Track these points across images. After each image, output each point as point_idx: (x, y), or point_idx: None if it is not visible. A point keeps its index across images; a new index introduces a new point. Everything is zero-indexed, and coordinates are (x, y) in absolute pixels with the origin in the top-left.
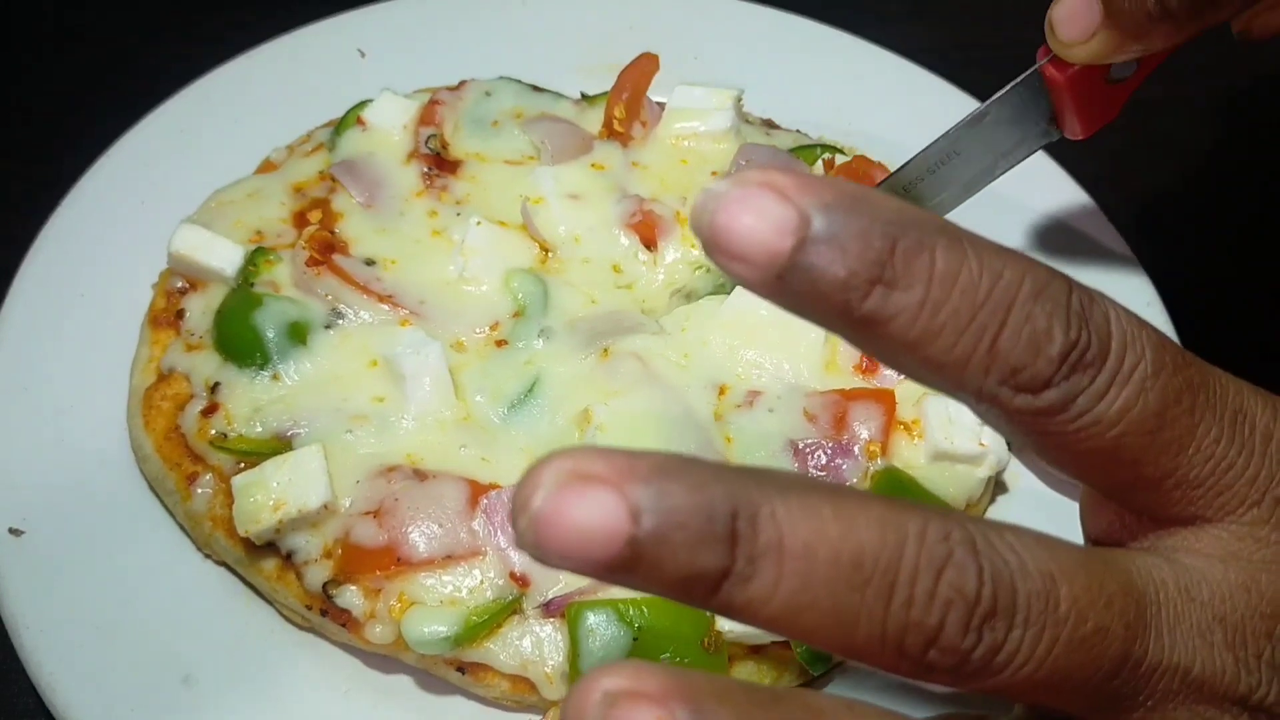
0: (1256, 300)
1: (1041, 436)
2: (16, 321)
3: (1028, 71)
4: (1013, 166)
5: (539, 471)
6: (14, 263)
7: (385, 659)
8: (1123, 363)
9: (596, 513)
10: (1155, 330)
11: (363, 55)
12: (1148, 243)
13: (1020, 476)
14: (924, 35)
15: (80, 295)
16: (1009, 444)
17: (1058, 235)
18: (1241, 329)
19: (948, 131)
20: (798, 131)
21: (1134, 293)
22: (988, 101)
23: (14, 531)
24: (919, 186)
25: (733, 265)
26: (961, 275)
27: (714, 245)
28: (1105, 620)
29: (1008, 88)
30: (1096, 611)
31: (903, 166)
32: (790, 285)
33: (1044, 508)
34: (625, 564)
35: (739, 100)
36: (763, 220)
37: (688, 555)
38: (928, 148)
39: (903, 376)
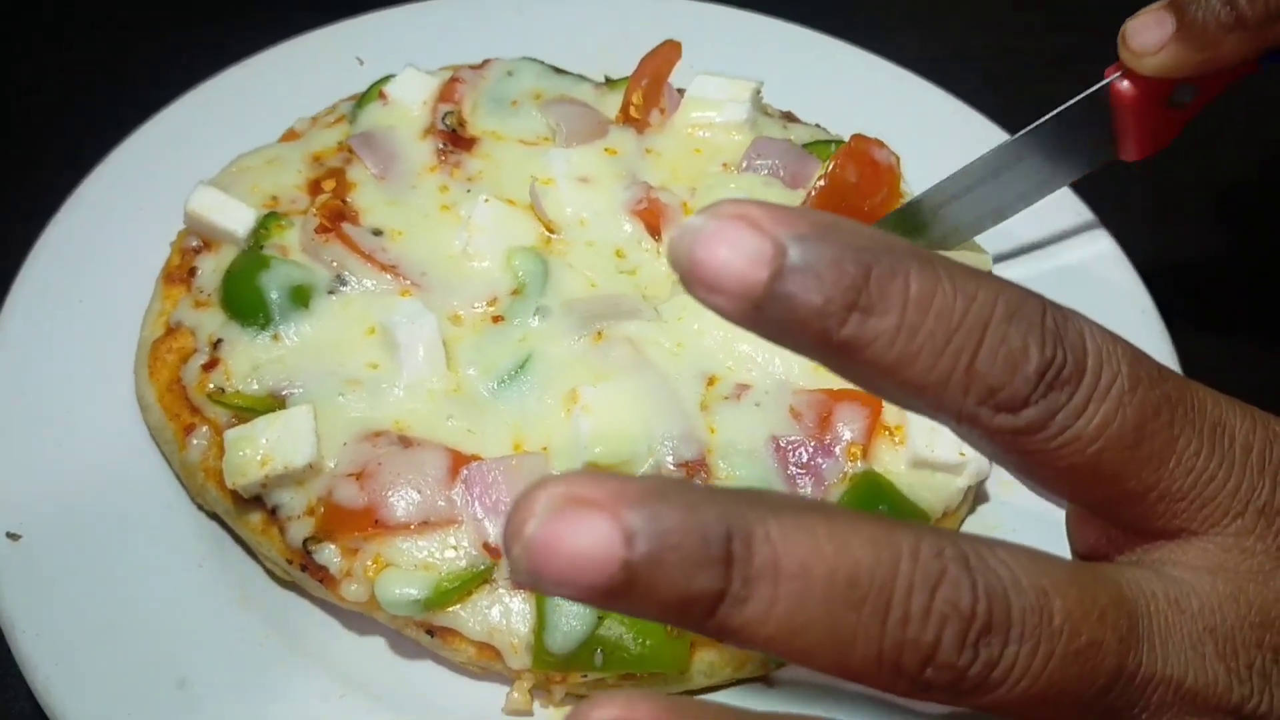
0: (1252, 308)
1: (1023, 455)
2: (15, 327)
3: (1097, 85)
4: (1061, 186)
5: (531, 498)
6: (13, 268)
7: (379, 661)
8: (1099, 379)
9: (590, 538)
10: (1131, 346)
11: (361, 63)
12: (1143, 251)
13: (1000, 486)
14: (920, 45)
15: (79, 301)
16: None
17: (1052, 244)
18: (1236, 337)
19: (1000, 145)
20: (816, 125)
21: (1128, 301)
22: (1048, 115)
23: (11, 536)
24: (955, 204)
25: (711, 298)
26: (936, 298)
27: (692, 279)
28: (1099, 633)
29: (1074, 100)
30: (1090, 624)
31: (943, 182)
32: (768, 315)
33: (1024, 518)
34: (620, 588)
35: (758, 92)
36: (738, 252)
37: (683, 578)
38: (975, 161)
39: None
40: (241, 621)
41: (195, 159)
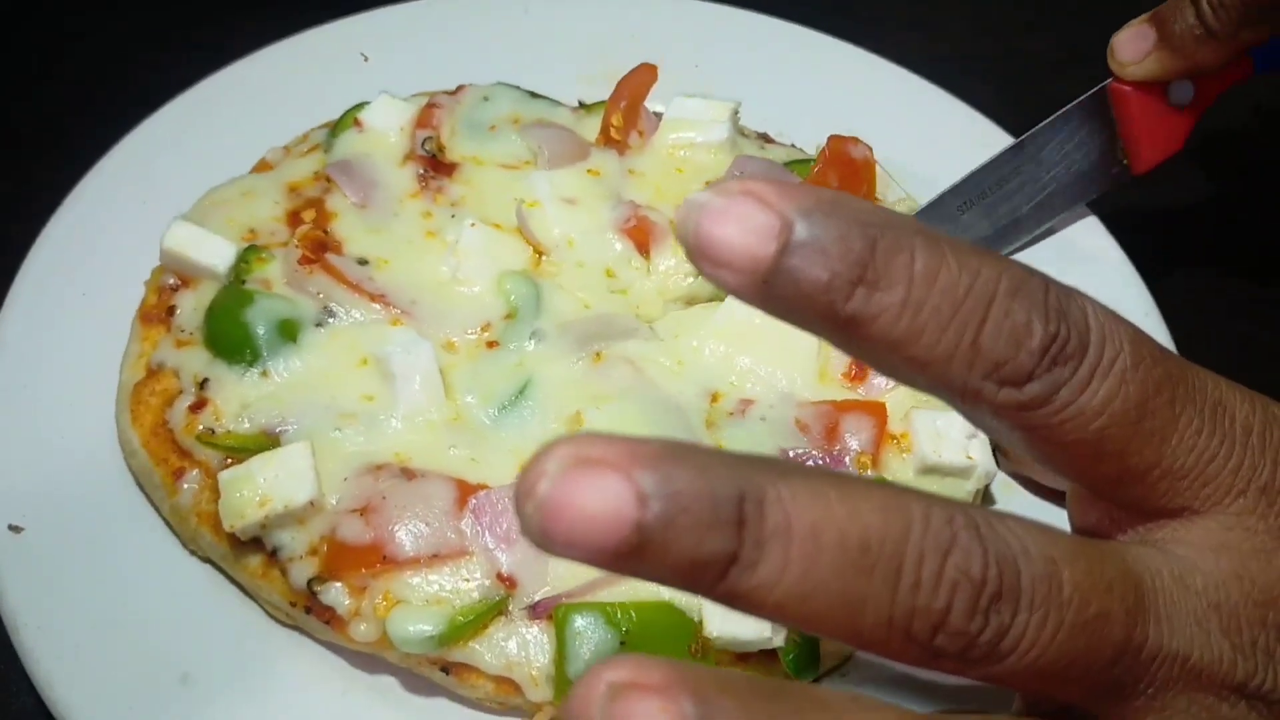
0: (1253, 310)
1: (1027, 431)
2: (17, 321)
3: (1095, 89)
4: (1076, 203)
5: (543, 458)
6: (14, 264)
7: (377, 659)
8: (1102, 355)
9: (603, 498)
10: (1132, 325)
11: (365, 59)
12: (1145, 252)
13: (1003, 489)
14: (922, 46)
15: (81, 295)
16: (995, 458)
17: (1054, 244)
18: (1238, 338)
19: (1005, 149)
20: (792, 146)
21: (1131, 302)
22: (1051, 117)
23: (13, 529)
24: (965, 218)
25: (718, 273)
26: (941, 274)
27: (699, 253)
28: (1107, 604)
29: (1072, 104)
30: (1098, 596)
31: (946, 192)
32: (775, 290)
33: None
34: (632, 550)
35: (736, 113)
36: (745, 227)
37: (694, 540)
38: (979, 168)
39: (891, 387)
40: (244, 616)
41: (199, 155)
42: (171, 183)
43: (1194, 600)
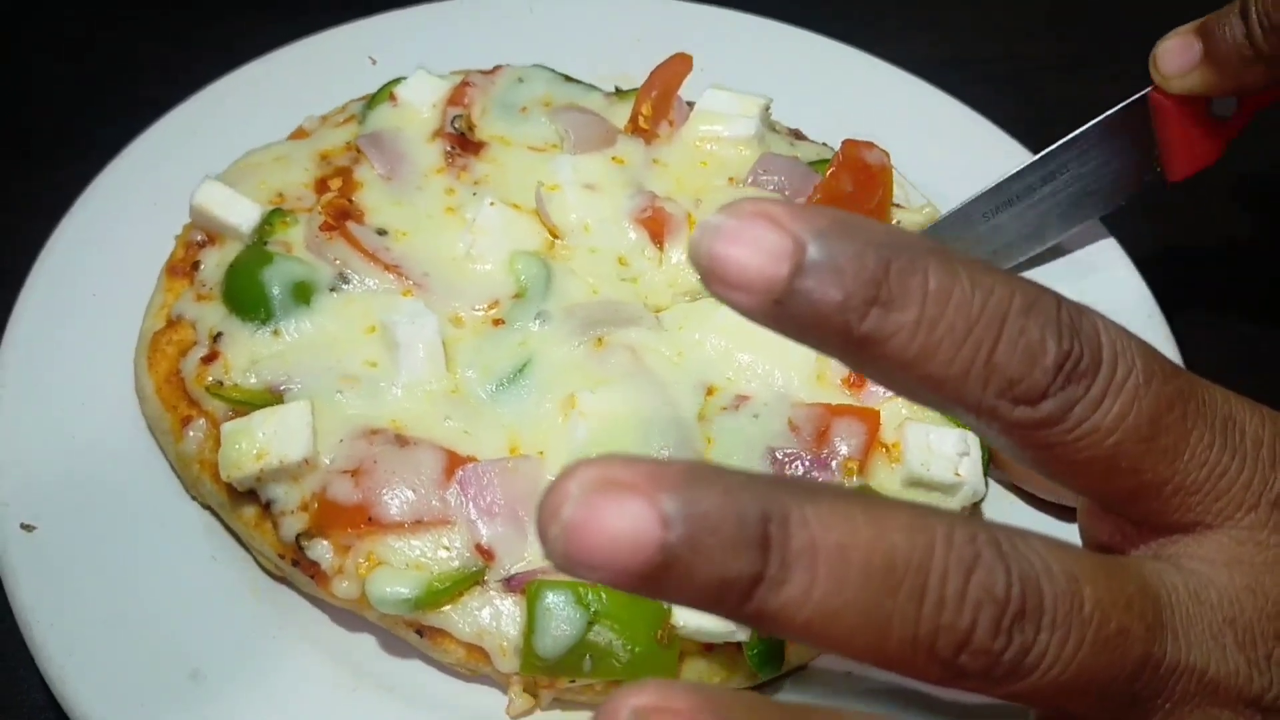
0: (1256, 314)
1: (1041, 449)
2: (29, 321)
3: (1135, 95)
4: (1104, 210)
5: (565, 481)
6: (26, 263)
7: (390, 653)
8: (1115, 372)
9: (627, 520)
10: (1143, 341)
11: (373, 63)
12: (1149, 257)
13: (1003, 502)
14: (924, 50)
15: (92, 295)
16: (986, 476)
17: (1060, 249)
18: (1241, 343)
19: (1040, 157)
20: (824, 144)
21: (1135, 306)
22: (1089, 123)
23: (26, 527)
24: (990, 223)
25: (732, 294)
26: (955, 293)
27: (712, 275)
28: (1127, 621)
29: (1113, 110)
30: (1118, 612)
31: (976, 198)
32: (789, 310)
33: None
34: (657, 572)
35: (767, 109)
36: (759, 249)
37: (720, 561)
38: (1003, 180)
39: (888, 395)
40: (254, 613)
41: (208, 155)
42: (182, 183)
43: (1209, 615)
